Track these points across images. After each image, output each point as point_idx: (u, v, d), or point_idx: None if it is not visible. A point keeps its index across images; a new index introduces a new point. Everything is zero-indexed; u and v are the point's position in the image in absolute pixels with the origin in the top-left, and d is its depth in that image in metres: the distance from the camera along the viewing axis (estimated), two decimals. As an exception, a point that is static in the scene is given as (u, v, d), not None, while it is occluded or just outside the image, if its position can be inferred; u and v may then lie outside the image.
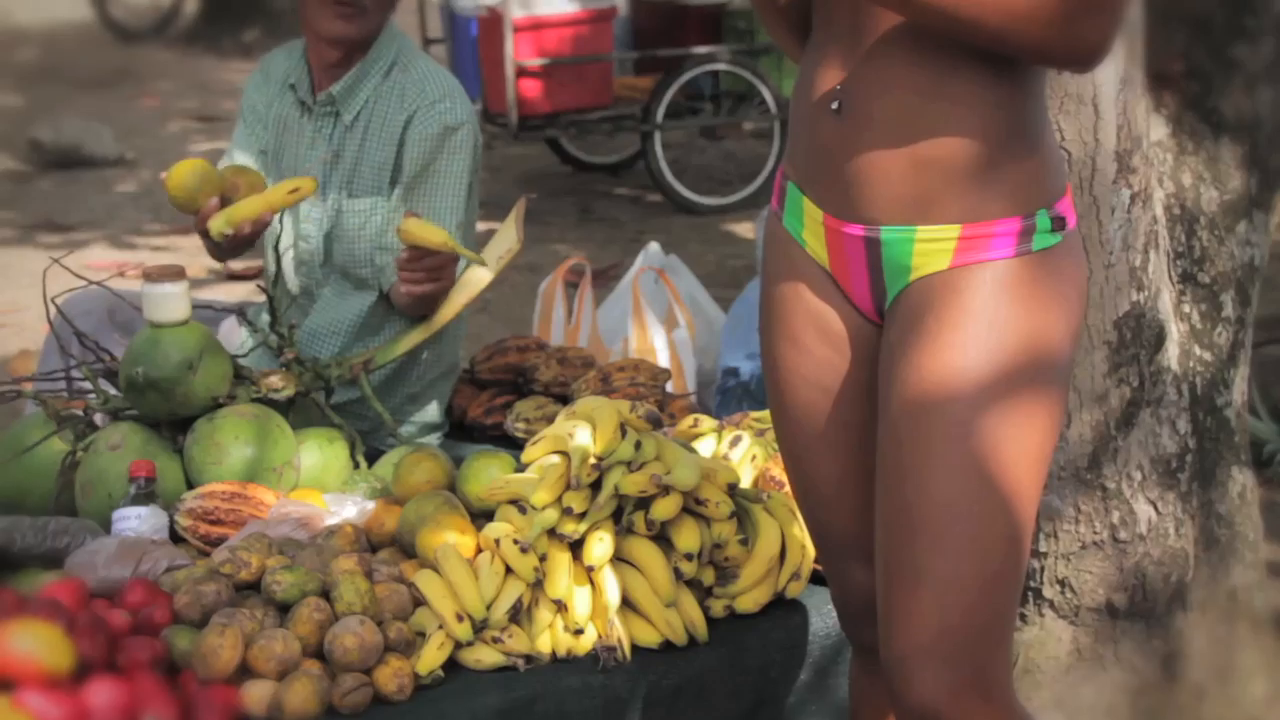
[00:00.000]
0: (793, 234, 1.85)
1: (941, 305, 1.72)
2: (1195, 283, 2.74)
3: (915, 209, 1.72)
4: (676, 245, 5.64)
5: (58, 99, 8.38)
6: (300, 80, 2.93)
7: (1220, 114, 2.69)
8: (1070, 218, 1.75)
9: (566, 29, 6.09)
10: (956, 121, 1.68)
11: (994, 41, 1.63)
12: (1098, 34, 1.61)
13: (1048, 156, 1.74)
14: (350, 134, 2.89)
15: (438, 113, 2.82)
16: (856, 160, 1.73)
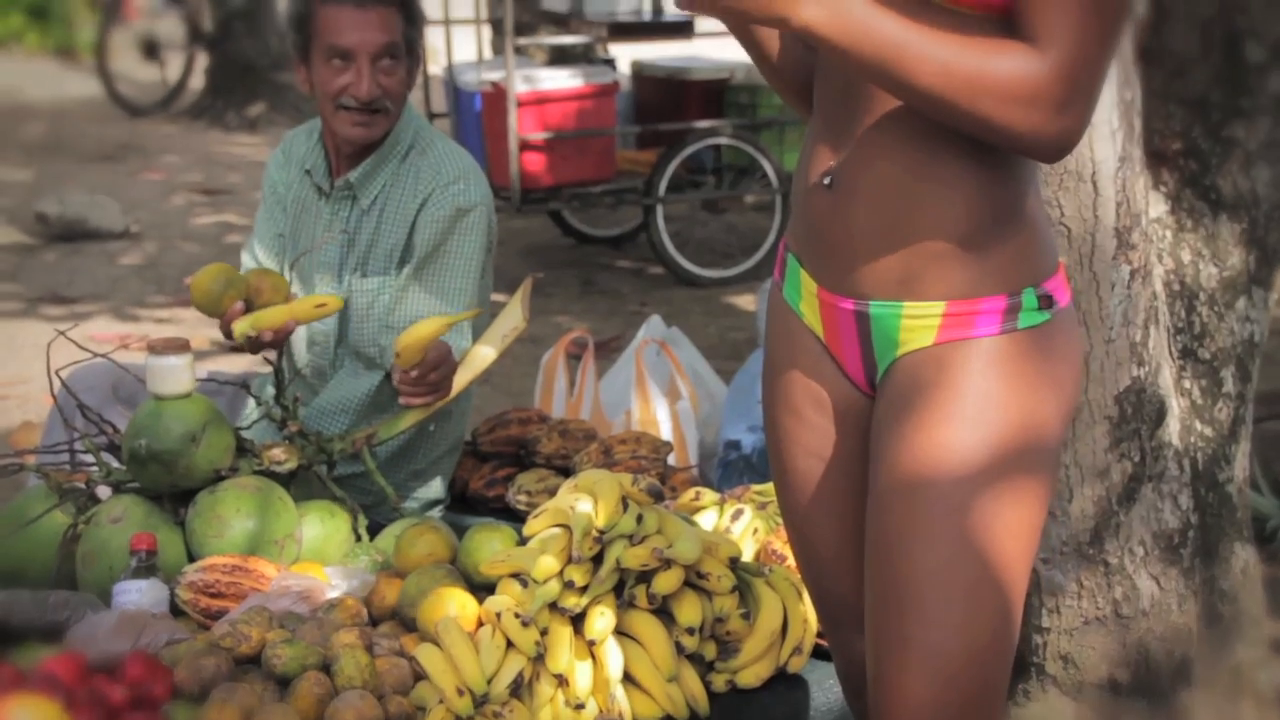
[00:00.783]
0: (791, 305, 1.87)
1: (926, 381, 1.73)
2: (1195, 358, 2.75)
3: (902, 285, 1.73)
4: (678, 317, 5.66)
5: (64, 173, 8.44)
6: (317, 166, 2.95)
7: (1218, 192, 2.71)
8: (1062, 296, 1.76)
9: (569, 103, 6.14)
10: (943, 201, 1.69)
11: (961, 121, 1.62)
12: (1072, 124, 1.60)
13: (1036, 235, 1.75)
14: (366, 217, 2.90)
15: (451, 194, 2.83)
16: (846, 235, 1.74)
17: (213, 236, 7.05)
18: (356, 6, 2.79)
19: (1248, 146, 2.68)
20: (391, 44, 2.81)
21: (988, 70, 1.57)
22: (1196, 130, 2.69)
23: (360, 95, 2.80)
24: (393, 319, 2.85)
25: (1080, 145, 2.46)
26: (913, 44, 1.57)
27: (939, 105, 1.61)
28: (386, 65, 2.81)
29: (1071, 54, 1.56)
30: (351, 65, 2.80)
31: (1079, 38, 1.56)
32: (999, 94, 1.57)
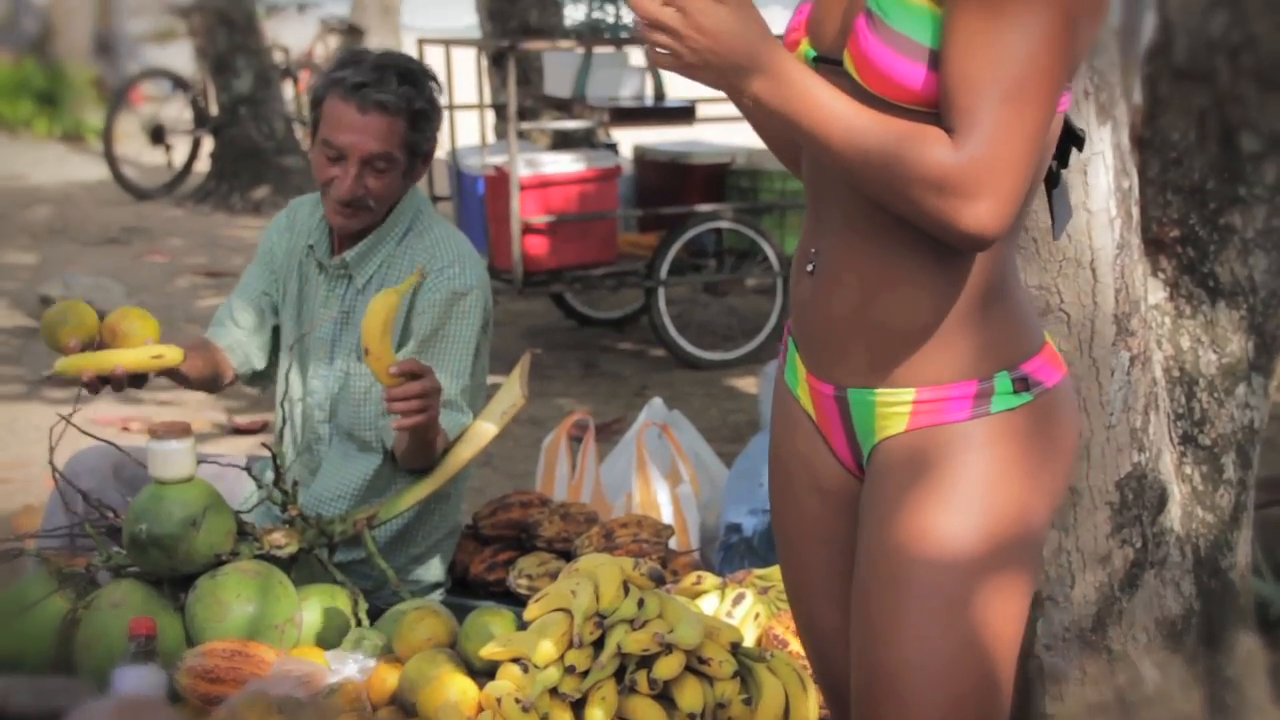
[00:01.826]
0: (790, 388, 1.89)
1: (899, 469, 1.74)
2: (1196, 444, 2.75)
3: (874, 371, 1.75)
4: (680, 400, 5.66)
5: (69, 256, 8.49)
6: (320, 241, 2.97)
7: (1216, 279, 2.73)
8: (1047, 377, 1.75)
9: (572, 187, 6.18)
10: (911, 288, 1.71)
11: (887, 203, 1.64)
12: (989, 218, 1.60)
13: (1012, 319, 1.75)
14: (362, 297, 2.91)
15: (446, 278, 2.85)
16: (825, 322, 1.77)
17: (216, 318, 7.08)
18: (359, 110, 2.79)
19: (1245, 234, 2.70)
20: (385, 154, 2.81)
21: (905, 154, 1.59)
22: (1194, 218, 2.71)
23: (341, 195, 2.82)
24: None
25: (1079, 232, 2.50)
26: (843, 120, 1.60)
27: (864, 184, 1.64)
28: (376, 167, 2.82)
29: (987, 147, 1.58)
30: (341, 163, 2.82)
31: (995, 132, 1.58)
32: (915, 179, 1.59)
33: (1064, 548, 2.61)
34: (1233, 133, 2.67)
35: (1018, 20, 1.57)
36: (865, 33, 1.65)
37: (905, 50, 1.63)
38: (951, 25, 1.60)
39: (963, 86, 1.59)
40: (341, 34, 11.09)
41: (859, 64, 1.66)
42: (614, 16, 6.30)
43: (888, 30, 1.63)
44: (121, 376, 2.63)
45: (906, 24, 1.63)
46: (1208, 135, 2.69)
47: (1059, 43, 1.60)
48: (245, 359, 3.03)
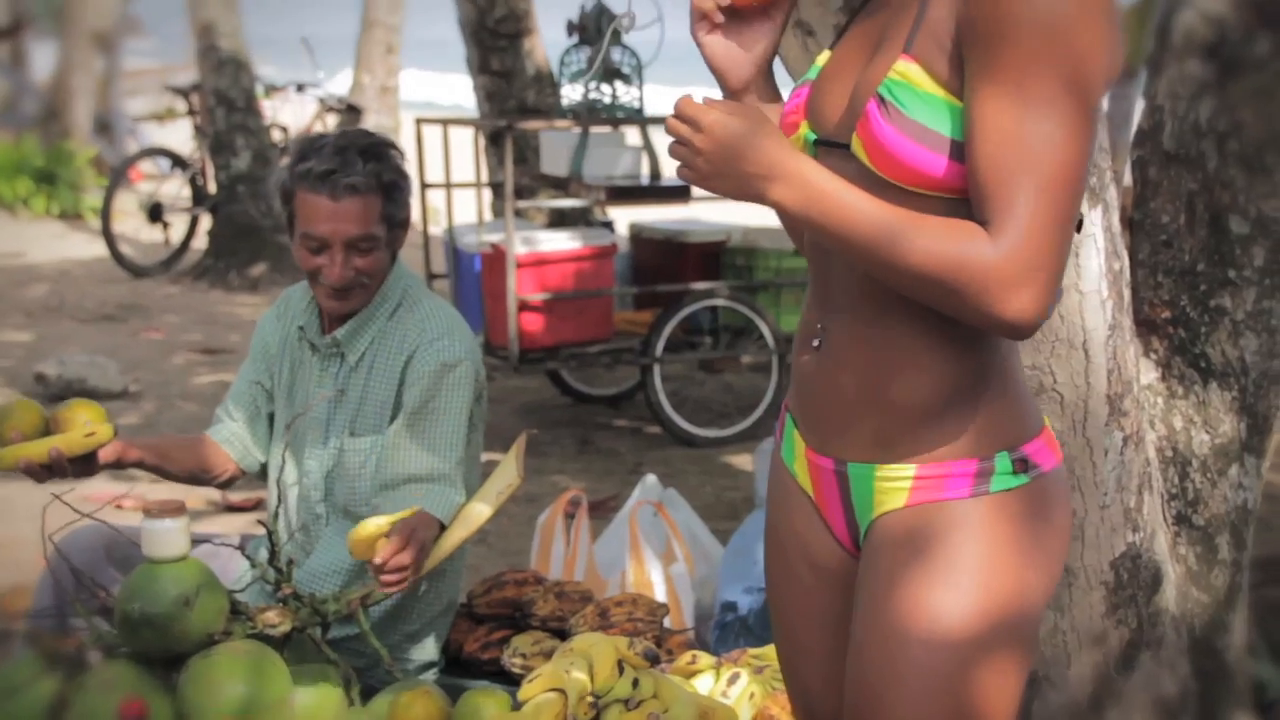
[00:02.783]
0: (787, 465, 1.90)
1: (897, 544, 1.74)
2: (1190, 525, 2.76)
3: (876, 447, 1.76)
4: (675, 477, 5.66)
5: (65, 334, 8.50)
6: (310, 322, 2.98)
7: (1208, 360, 2.74)
8: (1044, 460, 1.76)
9: (568, 265, 6.21)
10: (915, 366, 1.72)
11: (920, 298, 1.66)
12: (1031, 306, 1.62)
13: (1013, 399, 1.76)
14: (355, 374, 2.93)
15: (436, 350, 2.86)
16: (828, 396, 1.78)
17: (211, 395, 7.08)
18: (331, 198, 2.82)
19: (1235, 316, 2.72)
20: (366, 235, 2.84)
21: (943, 252, 1.60)
22: (1185, 299, 2.73)
23: (332, 281, 2.84)
24: (383, 476, 2.86)
25: (1072, 313, 2.52)
26: (872, 221, 1.62)
27: (896, 282, 1.66)
28: (361, 249, 2.84)
29: (1026, 239, 1.59)
30: (325, 252, 2.84)
31: (1033, 224, 1.59)
32: (955, 276, 1.61)
33: (1059, 628, 2.61)
34: (1221, 216, 2.70)
35: (1046, 111, 1.59)
36: (879, 119, 1.66)
37: (921, 138, 1.64)
38: (978, 116, 1.61)
39: (996, 179, 1.60)
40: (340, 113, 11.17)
41: (872, 150, 1.67)
42: (610, 97, 6.36)
43: (903, 118, 1.65)
44: (60, 459, 2.67)
45: (922, 112, 1.64)
46: (1197, 218, 2.72)
47: (1085, 130, 1.61)
48: (245, 451, 3.05)
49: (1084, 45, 1.59)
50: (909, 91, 1.65)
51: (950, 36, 1.64)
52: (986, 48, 1.60)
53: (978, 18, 1.60)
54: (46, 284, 10.16)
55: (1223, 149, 2.67)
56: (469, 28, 8.14)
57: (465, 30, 8.17)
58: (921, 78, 1.65)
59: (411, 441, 2.84)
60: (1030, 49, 1.58)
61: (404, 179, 2.91)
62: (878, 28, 1.77)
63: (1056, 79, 1.58)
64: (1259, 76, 2.66)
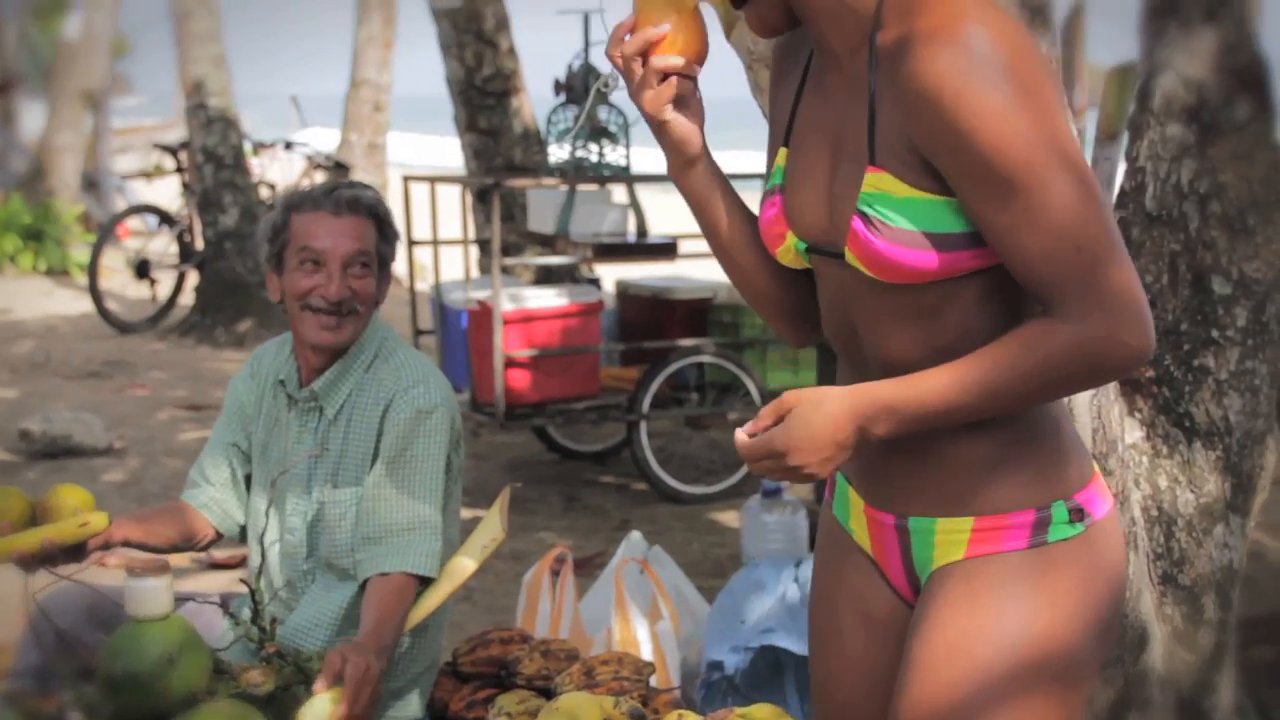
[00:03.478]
0: (841, 522, 1.92)
1: (955, 595, 1.76)
2: (1176, 584, 2.76)
3: (935, 501, 1.79)
4: (661, 534, 5.65)
5: (51, 390, 8.48)
6: (290, 376, 2.99)
7: (1192, 419, 2.75)
8: (1096, 509, 1.78)
9: (555, 321, 6.22)
10: (973, 421, 1.73)
11: (1064, 394, 1.72)
12: (1139, 338, 1.65)
13: (1065, 449, 1.79)
14: (334, 427, 2.93)
15: (411, 398, 2.86)
16: (887, 455, 1.80)
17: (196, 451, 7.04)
18: (333, 214, 2.87)
19: (1219, 376, 2.73)
20: (364, 251, 2.88)
21: (1036, 370, 1.64)
22: (1169, 359, 2.75)
23: (329, 295, 2.85)
24: (364, 528, 2.85)
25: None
26: (966, 393, 1.67)
27: (1014, 411, 1.71)
28: (357, 271, 2.88)
29: (1092, 297, 1.62)
30: (323, 269, 2.86)
31: (1089, 279, 1.62)
32: (1056, 376, 1.65)
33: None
34: (1204, 276, 2.72)
35: (1039, 179, 1.60)
36: (866, 236, 1.69)
37: (910, 243, 1.67)
38: (987, 220, 1.63)
39: (1045, 269, 1.62)
40: (328, 170, 11.21)
41: (869, 263, 1.71)
42: (597, 155, 6.39)
43: (890, 229, 1.67)
44: (52, 549, 2.68)
45: (903, 218, 1.67)
46: (1180, 279, 2.74)
47: (1074, 156, 1.63)
48: (224, 515, 3.05)
49: (1034, 105, 1.60)
50: (888, 201, 1.68)
51: (907, 147, 1.66)
52: (957, 161, 1.62)
53: (936, 140, 1.62)
54: (32, 340, 10.15)
55: (1204, 210, 2.69)
56: (456, 86, 8.19)
57: (453, 89, 8.22)
58: (895, 185, 1.67)
59: (390, 491, 2.84)
60: (995, 135, 1.59)
61: (393, 222, 2.96)
62: (829, 124, 1.78)
63: (1037, 154, 1.59)
64: (1239, 140, 2.69)
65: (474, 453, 7.06)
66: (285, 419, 2.99)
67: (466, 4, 8.08)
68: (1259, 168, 2.67)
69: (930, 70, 1.59)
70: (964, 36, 1.58)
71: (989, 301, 1.72)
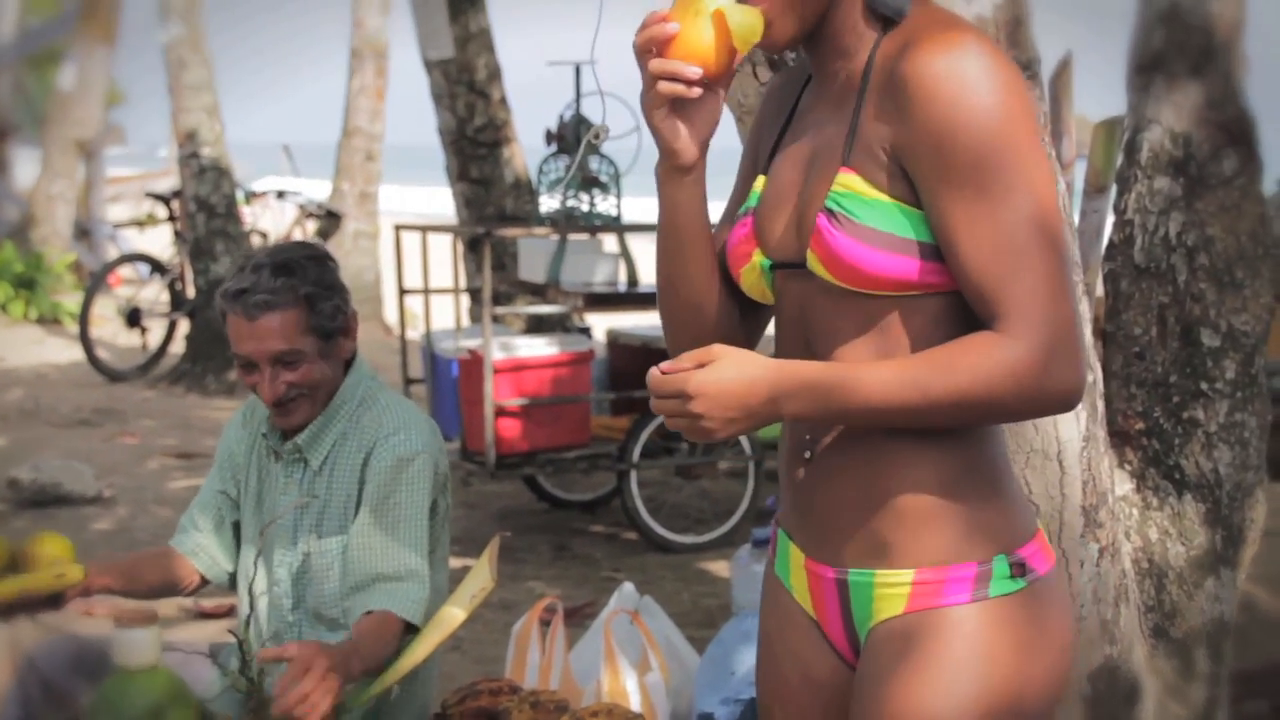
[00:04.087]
0: (782, 580, 1.89)
1: (896, 651, 1.73)
2: (1167, 637, 2.75)
3: (874, 553, 1.75)
4: (652, 584, 5.63)
5: (40, 438, 8.45)
6: (271, 430, 2.97)
7: (1182, 471, 2.76)
8: (1039, 564, 1.76)
9: (545, 370, 6.22)
10: (911, 470, 1.73)
11: (983, 417, 1.69)
12: (1072, 375, 1.65)
13: (1009, 503, 1.77)
14: (319, 478, 2.92)
15: (392, 445, 2.84)
16: (824, 503, 1.78)
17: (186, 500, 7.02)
18: (247, 318, 2.78)
19: (1208, 428, 2.74)
20: (289, 350, 2.80)
21: (970, 377, 1.64)
22: (1158, 411, 2.76)
23: (266, 399, 2.83)
24: (352, 577, 2.83)
25: (1046, 424, 2.53)
26: (892, 386, 1.65)
27: (935, 423, 1.69)
28: (288, 363, 2.82)
29: (1038, 321, 1.62)
30: (257, 369, 2.82)
31: (1037, 304, 1.63)
32: (991, 391, 1.64)
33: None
34: (1193, 329, 2.73)
35: (1013, 198, 1.63)
36: (830, 230, 1.69)
37: (874, 242, 1.67)
38: (952, 225, 1.65)
39: (992, 278, 1.63)
40: (319, 219, 11.23)
41: (829, 262, 1.70)
42: (588, 205, 6.41)
43: (855, 225, 1.68)
44: (29, 599, 2.68)
45: (872, 218, 1.68)
46: (1168, 331, 2.75)
47: (1048, 187, 1.66)
48: (212, 562, 3.03)
49: (1018, 121, 1.64)
50: (856, 200, 1.69)
51: (885, 152, 1.68)
52: (937, 159, 1.64)
53: (920, 135, 1.65)
54: (22, 389, 10.13)
55: (1192, 263, 2.71)
56: (448, 136, 8.22)
57: (445, 138, 8.25)
58: (863, 186, 1.69)
59: (375, 539, 2.82)
60: (977, 141, 1.62)
61: (327, 289, 2.85)
62: (808, 146, 1.80)
63: (1010, 156, 1.63)
64: (1226, 193, 2.70)
65: (464, 501, 7.05)
66: (273, 470, 2.98)
67: (459, 55, 8.13)
68: (1246, 221, 2.68)
69: (928, 68, 1.64)
70: (965, 47, 1.65)
71: (944, 325, 1.71)
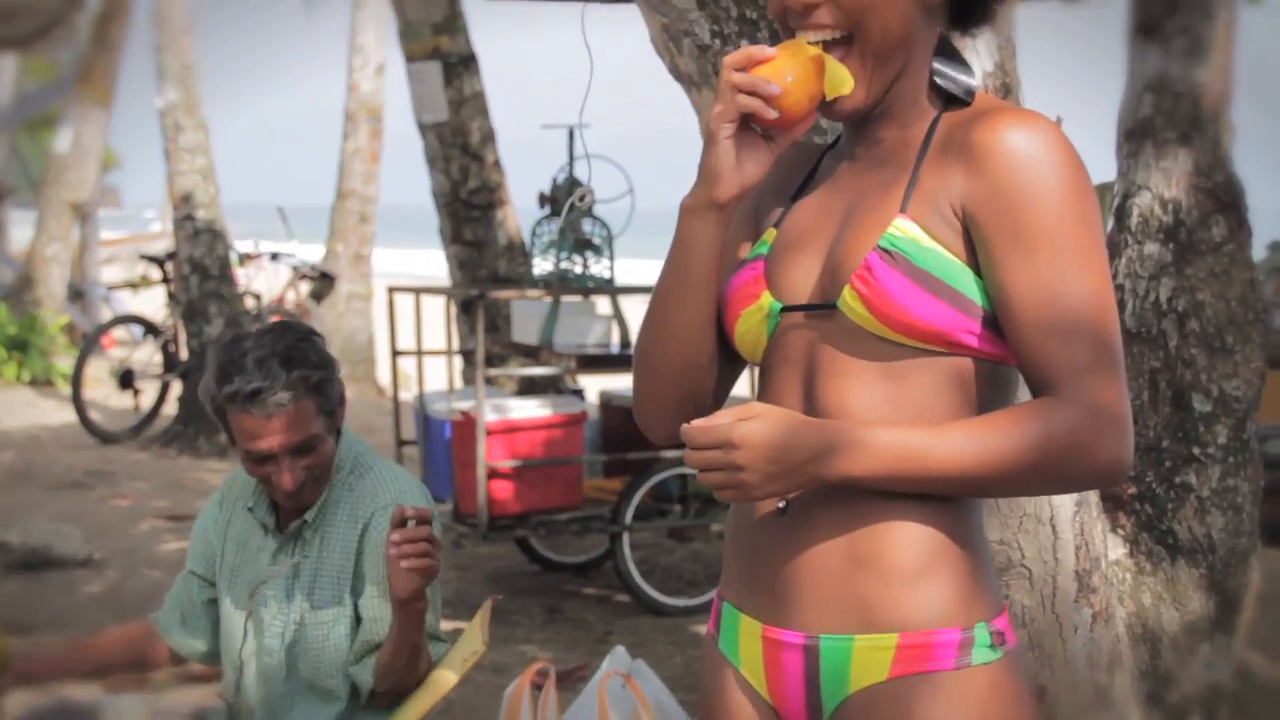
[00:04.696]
0: (729, 658, 1.81)
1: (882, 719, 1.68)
2: (1162, 703, 2.74)
3: (854, 614, 1.69)
4: (644, 646, 5.59)
5: (31, 500, 8.42)
6: (259, 504, 2.94)
7: (1175, 536, 2.76)
8: (1010, 636, 1.74)
9: (538, 432, 6.21)
10: (899, 529, 1.69)
11: (1030, 482, 1.67)
12: (1123, 448, 1.65)
13: (986, 570, 1.74)
14: (309, 545, 2.90)
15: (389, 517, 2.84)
16: (797, 561, 1.72)
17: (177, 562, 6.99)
18: (265, 417, 2.74)
19: (1200, 493, 2.74)
20: (309, 438, 2.78)
21: (1025, 442, 1.62)
22: (1151, 476, 2.76)
23: (285, 487, 2.79)
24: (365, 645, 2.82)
25: (1038, 489, 2.53)
26: (953, 447, 1.63)
27: (986, 490, 1.67)
28: (307, 449, 2.79)
29: (1097, 390, 1.62)
30: (272, 461, 2.78)
31: (1098, 373, 1.63)
32: (1043, 457, 1.62)
33: (1034, 808, 2.57)
34: (1184, 394, 2.74)
35: (1081, 263, 1.64)
36: (883, 267, 1.66)
37: (928, 286, 1.65)
38: (1018, 286, 1.64)
39: (1055, 342, 1.63)
40: (313, 280, 11.25)
41: (873, 299, 1.67)
42: (581, 267, 6.43)
43: (912, 267, 1.66)
44: None
45: (929, 264, 1.66)
46: (1160, 395, 2.76)
47: (1107, 263, 1.68)
48: (185, 640, 3.01)
49: (1089, 203, 1.66)
50: (914, 245, 1.67)
51: (950, 207, 1.68)
52: (1009, 221, 1.64)
53: (995, 197, 1.65)
54: (14, 451, 10.09)
55: (1183, 328, 2.72)
56: (442, 199, 8.26)
57: (438, 201, 8.28)
58: (922, 235, 1.67)
59: (377, 606, 2.81)
60: (1054, 211, 1.63)
61: (329, 369, 2.84)
62: (840, 200, 1.77)
63: (1083, 231, 1.64)
64: (1216, 259, 2.72)
65: (456, 564, 7.02)
66: (258, 540, 2.95)
67: (453, 118, 8.17)
68: (1236, 286, 2.70)
69: (1008, 135, 1.65)
70: (1042, 123, 1.67)
71: (960, 386, 1.69)
